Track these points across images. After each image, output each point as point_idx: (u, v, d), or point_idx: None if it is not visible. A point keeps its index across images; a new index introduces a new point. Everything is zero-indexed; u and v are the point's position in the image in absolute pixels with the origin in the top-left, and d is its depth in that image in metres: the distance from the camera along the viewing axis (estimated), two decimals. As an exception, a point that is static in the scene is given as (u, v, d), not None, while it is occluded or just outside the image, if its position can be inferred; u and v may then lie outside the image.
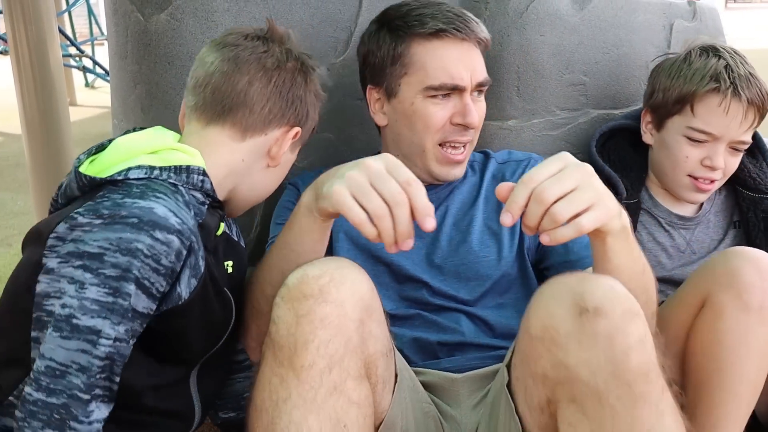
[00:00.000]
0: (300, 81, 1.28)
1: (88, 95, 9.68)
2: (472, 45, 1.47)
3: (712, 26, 2.02)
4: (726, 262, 1.31)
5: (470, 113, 1.45)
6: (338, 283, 1.01)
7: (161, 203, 1.04)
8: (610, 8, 1.85)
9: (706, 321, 1.31)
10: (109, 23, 1.88)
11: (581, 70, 1.84)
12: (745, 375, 1.29)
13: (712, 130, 1.57)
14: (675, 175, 1.65)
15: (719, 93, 1.56)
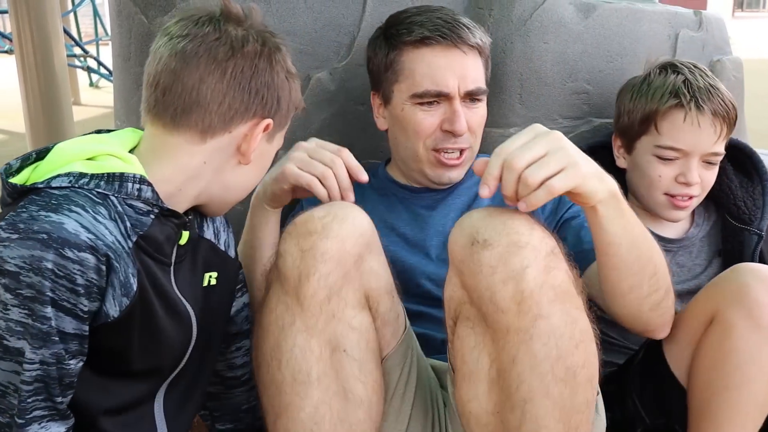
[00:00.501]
0: (263, 66, 1.12)
1: (92, 95, 9.71)
2: (462, 52, 1.47)
3: (719, 36, 2.01)
4: (736, 279, 1.30)
5: (458, 121, 1.46)
6: (340, 220, 1.11)
7: (72, 217, 0.95)
8: (615, 17, 1.85)
9: (714, 337, 1.31)
10: (113, 25, 1.89)
11: (584, 79, 1.84)
12: (752, 394, 1.28)
13: (680, 145, 1.57)
14: (651, 195, 1.64)
15: (682, 108, 1.56)
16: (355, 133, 1.81)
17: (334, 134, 1.80)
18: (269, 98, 1.14)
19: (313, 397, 1.11)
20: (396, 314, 1.21)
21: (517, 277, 0.99)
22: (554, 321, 1.00)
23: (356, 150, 1.80)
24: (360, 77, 1.74)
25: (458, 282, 1.08)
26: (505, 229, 1.02)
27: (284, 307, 1.12)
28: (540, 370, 1.00)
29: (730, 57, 2.01)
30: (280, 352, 1.11)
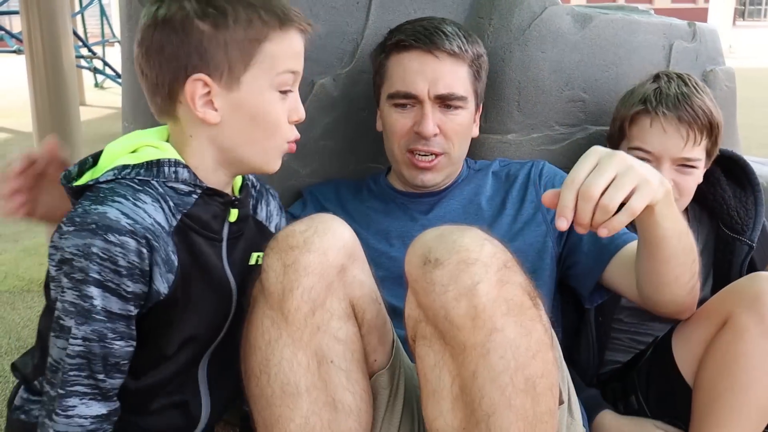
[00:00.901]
0: (172, 30, 1.11)
1: (97, 95, 9.76)
2: (436, 58, 1.53)
3: (712, 47, 2.05)
4: (752, 285, 1.34)
5: (424, 122, 1.53)
6: (321, 233, 1.11)
7: (115, 206, 1.06)
8: (611, 28, 1.90)
9: (725, 339, 1.34)
10: (122, 29, 1.93)
11: (581, 87, 1.88)
12: (756, 399, 1.31)
13: (648, 147, 1.62)
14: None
15: (648, 114, 1.62)
16: (357, 137, 1.86)
17: (337, 139, 1.85)
18: (190, 55, 1.12)
19: (303, 409, 1.12)
20: (383, 320, 1.22)
21: (468, 293, 1.01)
22: (509, 333, 1.02)
23: (358, 154, 1.87)
24: (363, 83, 1.79)
25: (414, 301, 1.09)
26: (455, 247, 1.03)
27: (270, 321, 1.13)
28: (500, 383, 1.01)
29: (722, 67, 2.05)
30: (268, 365, 1.13)
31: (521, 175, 1.67)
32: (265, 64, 1.15)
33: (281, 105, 1.19)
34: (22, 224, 4.18)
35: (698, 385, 1.39)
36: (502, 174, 1.69)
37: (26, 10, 3.08)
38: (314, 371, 1.13)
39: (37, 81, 3.13)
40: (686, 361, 1.45)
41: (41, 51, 3.10)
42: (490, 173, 1.69)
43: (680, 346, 1.47)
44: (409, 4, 1.83)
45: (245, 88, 1.15)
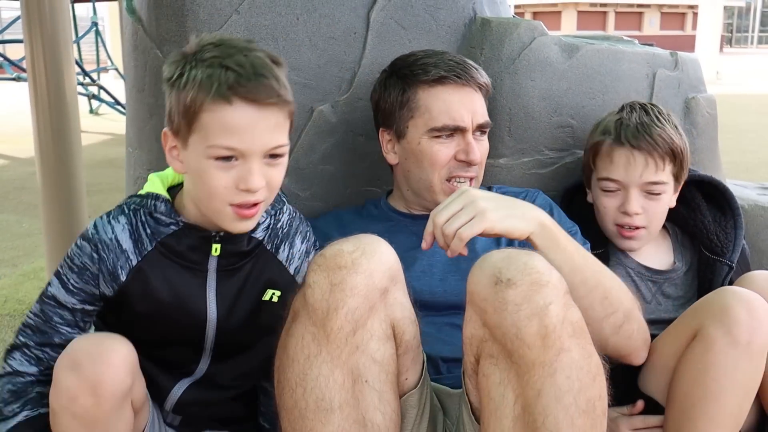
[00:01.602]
0: (167, 87, 1.26)
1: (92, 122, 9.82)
2: (473, 89, 1.62)
3: (694, 76, 2.14)
4: (719, 299, 1.42)
5: (473, 151, 1.61)
6: (369, 255, 1.17)
7: (97, 221, 1.31)
8: (597, 57, 1.98)
9: (696, 351, 1.41)
10: (128, 58, 2.01)
11: (569, 114, 1.96)
12: (728, 406, 1.38)
13: (614, 176, 1.71)
14: (605, 225, 1.78)
15: (610, 144, 1.72)
16: (355, 162, 1.93)
17: (335, 163, 1.92)
18: (167, 112, 1.27)
19: (334, 424, 1.15)
20: (418, 342, 1.27)
21: (540, 313, 1.06)
22: (575, 355, 1.07)
23: (356, 177, 1.94)
24: (360, 110, 1.87)
25: (479, 321, 1.14)
26: (527, 268, 1.09)
27: (311, 337, 1.17)
28: (564, 402, 1.05)
29: (704, 95, 2.13)
30: (305, 380, 1.16)
31: None
32: (201, 133, 1.22)
33: (221, 173, 1.22)
34: (20, 249, 4.22)
35: (672, 397, 1.45)
36: None
37: (30, 38, 3.15)
38: (348, 389, 1.17)
39: (40, 107, 3.19)
40: (658, 374, 1.51)
41: (44, 78, 3.16)
42: None
43: (653, 360, 1.53)
44: (404, 35, 1.91)
45: (190, 149, 1.24)
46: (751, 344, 1.36)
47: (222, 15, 1.79)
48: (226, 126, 1.20)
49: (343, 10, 1.87)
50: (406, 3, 1.91)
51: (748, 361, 1.36)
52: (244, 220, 1.27)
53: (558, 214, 1.70)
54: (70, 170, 3.33)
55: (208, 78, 1.19)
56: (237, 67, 1.19)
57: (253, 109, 1.20)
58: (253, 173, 1.22)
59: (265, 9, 1.82)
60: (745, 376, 1.37)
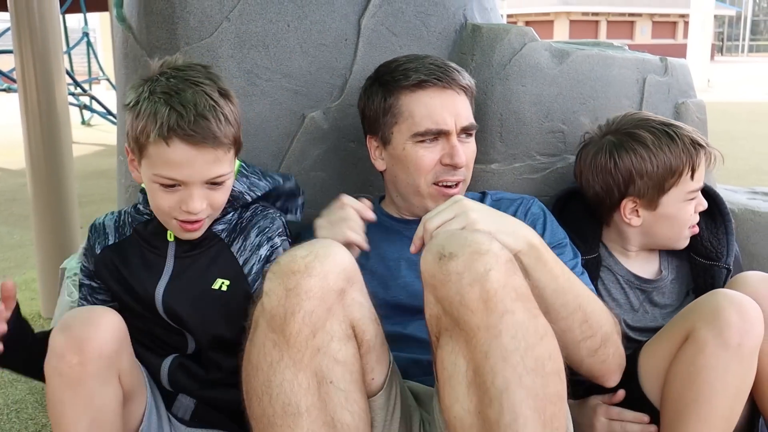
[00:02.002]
0: (127, 110, 1.42)
1: (84, 133, 9.81)
2: (455, 92, 1.61)
3: (683, 81, 2.15)
4: (711, 301, 1.42)
5: (457, 154, 1.60)
6: (322, 258, 1.18)
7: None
8: (587, 63, 1.99)
9: (687, 354, 1.41)
10: (119, 66, 2.00)
11: (560, 119, 1.97)
12: (719, 408, 1.38)
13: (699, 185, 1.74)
14: (682, 232, 1.77)
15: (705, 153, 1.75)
16: (346, 168, 1.93)
17: (327, 169, 1.92)
18: (128, 131, 1.43)
19: (303, 428, 1.16)
20: (381, 340, 1.27)
21: (481, 279, 1.10)
22: (519, 317, 1.10)
23: (348, 184, 1.93)
24: (351, 116, 1.87)
25: (432, 298, 1.17)
26: (467, 242, 1.14)
27: (272, 344, 1.17)
28: (511, 361, 1.08)
29: (694, 100, 2.14)
30: (270, 387, 1.18)
31: (508, 214, 1.70)
32: (149, 160, 1.39)
33: (166, 195, 1.41)
34: (12, 261, 4.20)
35: (665, 399, 1.46)
36: None
37: (20, 49, 3.15)
38: (314, 392, 1.18)
39: (31, 119, 3.18)
40: (651, 377, 1.52)
41: (34, 89, 3.16)
42: None
43: (646, 362, 1.54)
44: (395, 41, 1.92)
45: (142, 169, 1.43)
46: (741, 346, 1.36)
47: (212, 22, 1.79)
48: (167, 161, 1.37)
49: (334, 17, 1.87)
50: (396, 10, 1.91)
51: (739, 364, 1.37)
52: (189, 232, 1.46)
53: (551, 222, 1.70)
54: (62, 181, 3.32)
55: (154, 116, 1.35)
56: (180, 108, 1.34)
57: (190, 148, 1.36)
58: (193, 198, 1.40)
59: (255, 16, 1.82)
60: (736, 378, 1.37)
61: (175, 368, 1.53)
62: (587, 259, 1.76)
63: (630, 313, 1.78)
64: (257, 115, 1.85)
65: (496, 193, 1.80)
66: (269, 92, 1.85)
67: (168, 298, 1.50)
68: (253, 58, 1.83)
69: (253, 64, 1.83)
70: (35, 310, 3.39)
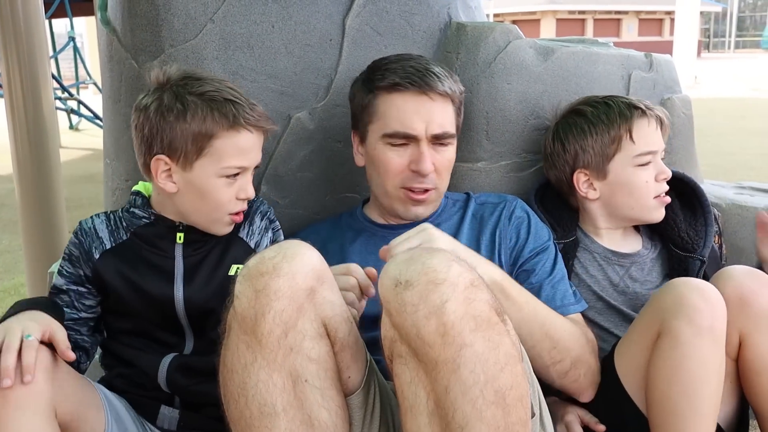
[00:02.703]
0: (153, 116, 1.44)
1: (73, 137, 9.77)
2: (429, 98, 1.59)
3: (668, 76, 2.16)
4: (673, 291, 1.43)
5: (423, 161, 1.59)
6: (290, 258, 1.17)
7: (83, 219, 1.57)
8: (572, 60, 2.00)
9: (663, 348, 1.41)
10: (103, 69, 2.00)
11: (546, 116, 1.97)
12: (708, 394, 1.39)
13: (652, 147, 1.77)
14: (647, 202, 1.78)
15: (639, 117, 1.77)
16: (333, 168, 1.93)
17: (314, 170, 1.92)
18: (159, 140, 1.44)
19: (281, 428, 1.17)
20: (355, 338, 1.27)
21: (438, 311, 1.06)
22: (478, 348, 1.07)
23: (334, 184, 1.94)
24: (337, 117, 1.87)
25: (389, 322, 1.14)
26: (424, 269, 1.09)
27: (245, 346, 1.18)
28: (471, 396, 1.06)
29: (679, 95, 2.15)
30: (246, 388, 1.18)
31: (492, 219, 1.72)
32: (213, 156, 1.45)
33: (227, 188, 1.47)
34: (0, 266, 4.18)
35: (652, 400, 1.45)
36: (477, 216, 1.73)
37: (5, 54, 3.14)
38: (290, 391, 1.18)
39: (17, 124, 3.17)
40: (627, 375, 1.52)
41: (20, 94, 3.15)
42: (469, 215, 1.74)
43: (621, 362, 1.54)
44: (380, 41, 1.92)
45: (197, 171, 1.46)
46: (713, 329, 1.37)
47: (197, 24, 1.79)
48: (239, 149, 1.45)
49: (319, 17, 1.87)
50: (381, 9, 1.91)
51: (714, 346, 1.38)
52: (232, 224, 1.53)
53: (535, 224, 1.71)
54: (49, 186, 3.31)
55: (216, 111, 1.43)
56: (235, 100, 1.45)
57: (254, 134, 1.48)
58: (250, 183, 1.50)
59: (240, 17, 1.82)
60: (715, 361, 1.38)
61: (174, 368, 1.52)
62: (565, 242, 1.78)
63: (610, 288, 1.79)
64: (243, 116, 1.84)
65: (479, 196, 1.80)
66: (254, 93, 1.84)
67: (189, 297, 1.51)
68: (238, 60, 1.82)
69: (238, 66, 1.83)
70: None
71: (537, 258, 1.65)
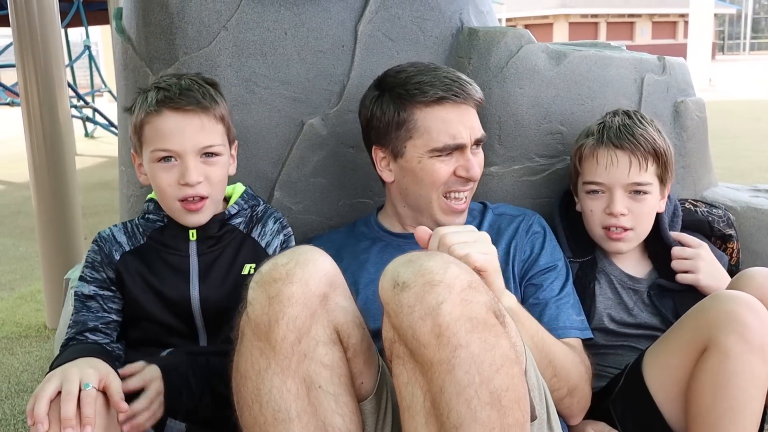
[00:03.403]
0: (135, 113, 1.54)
1: (88, 145, 9.85)
2: (469, 106, 1.62)
3: (681, 79, 2.15)
4: (722, 305, 1.40)
5: (473, 168, 1.62)
6: (302, 264, 1.18)
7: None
8: (584, 63, 1.99)
9: (712, 363, 1.38)
10: (118, 77, 2.02)
11: (558, 120, 1.97)
12: (754, 411, 1.37)
13: (598, 179, 1.73)
14: (592, 229, 1.78)
15: (591, 146, 1.74)
16: (346, 174, 1.94)
17: (327, 175, 1.93)
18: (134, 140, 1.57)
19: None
20: (368, 344, 1.27)
21: (433, 313, 1.07)
22: (473, 349, 1.07)
23: (347, 189, 1.94)
24: (350, 122, 1.88)
25: (388, 323, 1.15)
26: (421, 270, 1.10)
27: (258, 352, 1.18)
28: (465, 397, 1.06)
29: (693, 98, 2.14)
30: (260, 394, 1.18)
31: (509, 231, 1.72)
32: (147, 143, 1.53)
33: (164, 173, 1.51)
34: (17, 272, 4.22)
35: (693, 414, 1.42)
36: (495, 227, 1.74)
37: (22, 63, 3.17)
38: (303, 397, 1.19)
39: (34, 132, 3.21)
40: (661, 388, 1.50)
41: (37, 102, 3.18)
42: (486, 225, 1.74)
43: (654, 374, 1.52)
44: (392, 47, 1.93)
45: (144, 159, 1.55)
46: (764, 347, 1.35)
47: (210, 32, 1.81)
48: (160, 132, 1.50)
49: (331, 24, 1.88)
50: (393, 15, 1.92)
51: (764, 364, 1.35)
52: (192, 213, 1.53)
53: (550, 242, 1.71)
54: (65, 193, 3.34)
55: (145, 100, 1.52)
56: (166, 86, 1.52)
57: (178, 116, 1.50)
58: (189, 169, 1.49)
59: (253, 25, 1.83)
60: (764, 379, 1.36)
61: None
62: (581, 262, 1.78)
63: (625, 312, 1.78)
64: (256, 123, 1.86)
65: (497, 207, 1.80)
66: (268, 100, 1.86)
67: (205, 296, 1.54)
68: (251, 67, 1.84)
69: (251, 73, 1.84)
70: (41, 321, 3.42)
71: (547, 275, 1.65)
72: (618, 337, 1.77)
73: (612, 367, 1.74)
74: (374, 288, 1.60)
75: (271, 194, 1.90)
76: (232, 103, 1.82)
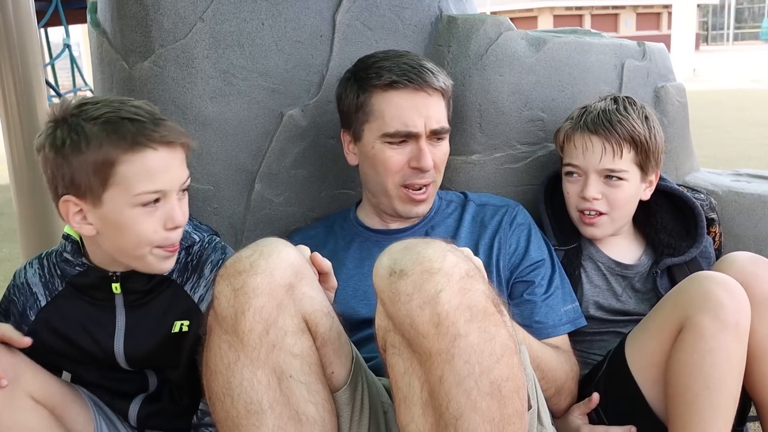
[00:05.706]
0: (55, 156, 1.27)
1: (72, 146, 9.75)
2: (427, 94, 1.59)
3: (662, 65, 2.15)
4: (699, 286, 1.41)
5: (424, 158, 1.59)
6: (266, 255, 1.16)
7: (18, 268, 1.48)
8: (564, 50, 1.99)
9: (687, 342, 1.40)
10: (95, 71, 1.99)
11: (539, 107, 1.96)
12: (729, 390, 1.38)
13: (575, 161, 1.74)
14: (570, 212, 1.79)
15: (569, 130, 1.76)
16: (326, 165, 1.93)
17: (307, 167, 1.91)
18: (61, 180, 1.28)
19: (269, 425, 1.16)
20: (337, 333, 1.25)
21: (432, 301, 1.05)
22: (473, 339, 1.06)
23: (328, 181, 1.93)
24: (330, 113, 1.86)
25: (383, 311, 1.13)
26: (419, 258, 1.08)
27: (227, 345, 1.17)
28: (465, 387, 1.05)
29: (673, 84, 2.14)
30: (230, 388, 1.17)
31: (493, 223, 1.71)
32: (121, 185, 1.28)
33: (148, 218, 1.30)
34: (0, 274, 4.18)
35: (671, 394, 1.44)
36: (478, 219, 1.73)
37: (-2, 62, 3.13)
38: (275, 387, 1.17)
39: (13, 133, 3.17)
40: (642, 370, 1.51)
41: (15, 103, 3.15)
42: (468, 217, 1.73)
43: (635, 356, 1.53)
44: (371, 36, 1.91)
45: (108, 206, 1.29)
46: (738, 325, 1.36)
47: (186, 23, 1.79)
48: (149, 171, 1.28)
49: (309, 14, 1.87)
50: (371, 4, 1.91)
51: (738, 343, 1.37)
52: (169, 258, 1.37)
53: (535, 235, 1.71)
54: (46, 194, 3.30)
55: (114, 134, 1.25)
56: (137, 117, 1.27)
57: (167, 151, 1.30)
58: (175, 209, 1.32)
59: (229, 15, 1.81)
60: (738, 358, 1.38)
61: (144, 413, 1.51)
62: (566, 249, 1.77)
63: (613, 299, 1.78)
64: (235, 115, 1.84)
65: (479, 197, 1.79)
66: (246, 91, 1.84)
67: (130, 350, 1.45)
68: (228, 58, 1.82)
69: (229, 64, 1.82)
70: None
71: (536, 271, 1.65)
72: (604, 324, 1.77)
73: (598, 354, 1.74)
74: (354, 284, 1.62)
75: (251, 187, 1.88)
76: (211, 95, 1.80)
